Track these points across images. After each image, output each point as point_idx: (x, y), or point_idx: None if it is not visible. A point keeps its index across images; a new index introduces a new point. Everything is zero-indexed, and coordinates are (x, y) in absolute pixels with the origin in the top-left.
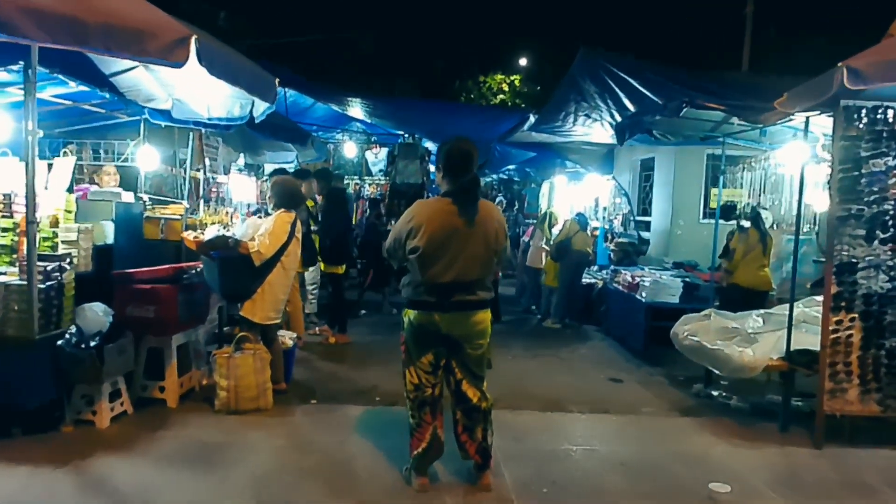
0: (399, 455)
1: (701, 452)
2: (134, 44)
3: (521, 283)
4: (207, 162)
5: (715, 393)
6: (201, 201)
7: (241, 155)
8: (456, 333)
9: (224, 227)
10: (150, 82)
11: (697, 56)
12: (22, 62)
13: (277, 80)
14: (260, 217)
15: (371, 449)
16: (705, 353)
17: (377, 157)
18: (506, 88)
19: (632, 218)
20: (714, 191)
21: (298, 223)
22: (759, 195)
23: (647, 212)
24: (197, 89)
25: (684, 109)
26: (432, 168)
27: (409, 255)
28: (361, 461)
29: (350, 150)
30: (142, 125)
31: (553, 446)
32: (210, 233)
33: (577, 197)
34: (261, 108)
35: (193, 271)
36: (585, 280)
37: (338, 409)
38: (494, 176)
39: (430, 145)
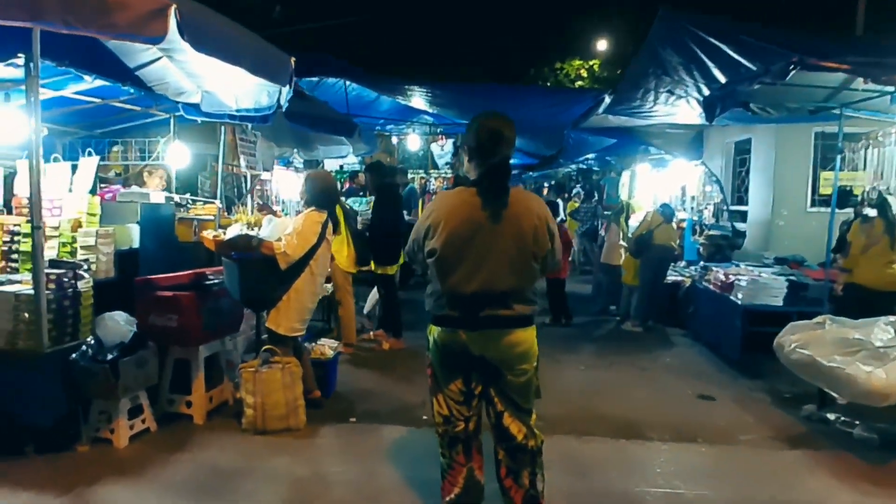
0: (437, 491)
1: (818, 502)
2: (99, 16)
3: (597, 282)
4: (243, 159)
5: (832, 417)
6: (244, 199)
7: (295, 151)
8: (490, 356)
9: (248, 227)
10: (176, 74)
11: (798, 21)
12: (23, 55)
13: (293, 59)
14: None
15: (405, 483)
16: (820, 371)
17: (443, 150)
18: (584, 74)
19: (724, 208)
20: (823, 174)
21: (330, 224)
22: (888, 177)
23: (742, 200)
24: (224, 79)
25: (792, 73)
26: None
27: (427, 258)
28: (391, 498)
29: (414, 142)
30: (172, 121)
31: (625, 486)
32: (232, 232)
33: (662, 186)
34: (283, 93)
35: (221, 276)
36: (670, 277)
37: (378, 429)
38: (573, 166)
39: None
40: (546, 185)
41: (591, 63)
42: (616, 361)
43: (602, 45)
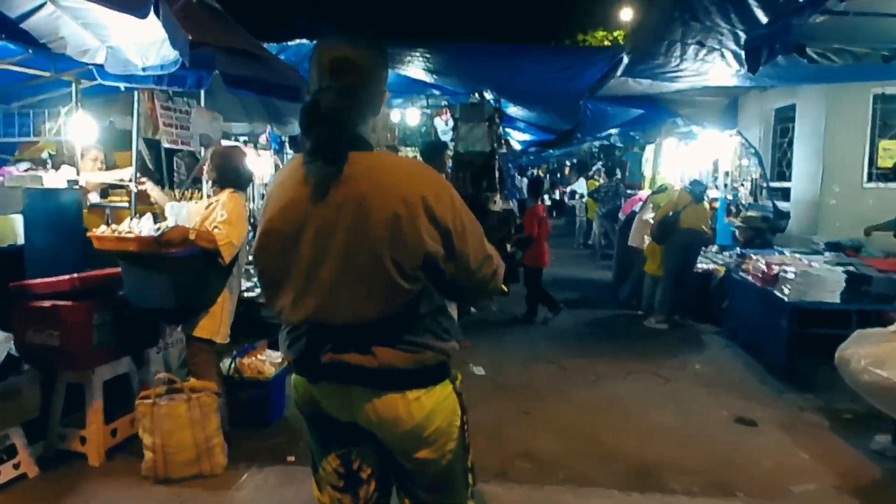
0: None
1: None
2: None
3: (618, 269)
4: (166, 133)
5: None
6: (185, 184)
7: (268, 126)
8: (365, 424)
9: (154, 218)
10: (71, 25)
11: None
12: None
13: None
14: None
15: None
16: None
17: (447, 125)
18: (608, 45)
19: (764, 184)
20: (883, 144)
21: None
22: None
23: (784, 175)
24: (123, 27)
25: None
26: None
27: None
28: None
29: (413, 117)
30: (73, 87)
31: None
32: (145, 226)
33: (690, 161)
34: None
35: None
36: (700, 265)
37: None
38: (596, 144)
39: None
40: (568, 163)
41: (615, 34)
42: (635, 369)
43: (627, 14)
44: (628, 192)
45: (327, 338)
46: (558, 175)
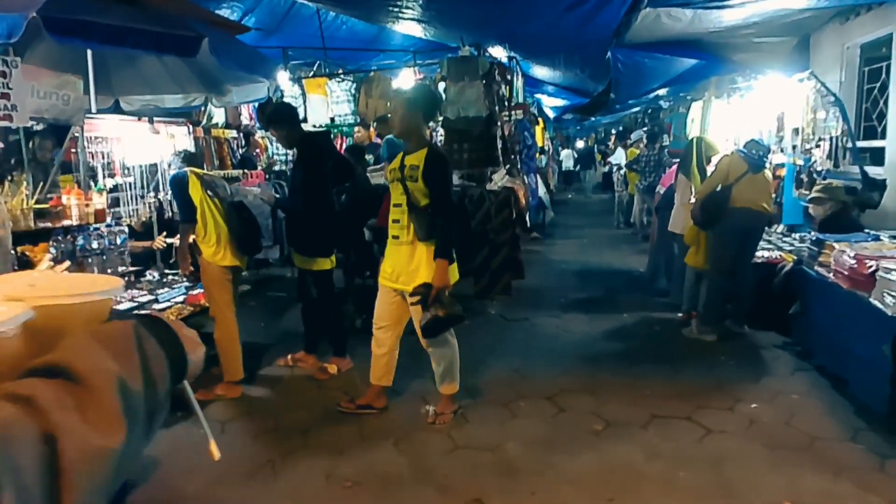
0: None
1: None
2: None
3: (654, 257)
4: None
5: None
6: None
7: (206, 97)
8: None
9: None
10: None
11: None
12: None
13: None
14: None
15: None
16: None
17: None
18: None
19: (849, 144)
20: None
21: None
22: None
23: (875, 132)
24: None
25: None
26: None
27: None
28: None
29: (407, 82)
30: None
31: None
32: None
33: (746, 118)
34: None
35: None
36: (761, 253)
37: None
38: (637, 108)
39: (500, 54)
40: (613, 132)
41: None
42: (661, 411)
43: None
44: (673, 161)
45: None
46: (606, 145)
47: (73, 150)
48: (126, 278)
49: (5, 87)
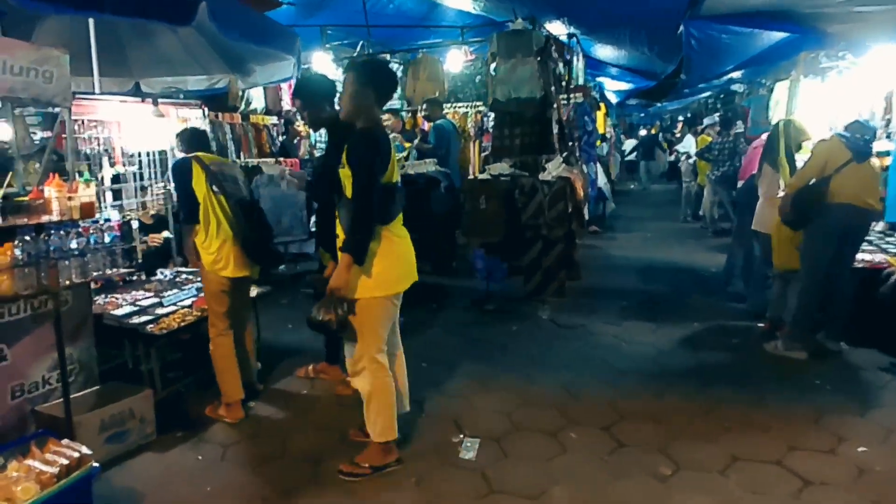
0: None
1: None
2: None
3: (733, 257)
4: None
5: None
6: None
7: (229, 78)
8: None
9: None
10: None
11: None
12: None
13: None
14: None
15: None
16: None
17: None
18: None
19: None
20: None
21: None
22: None
23: None
24: None
25: None
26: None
27: None
28: None
29: (455, 62)
30: None
31: None
32: None
33: (843, 100)
34: None
35: None
36: (863, 256)
37: None
38: (707, 93)
39: (559, 30)
40: (681, 118)
41: None
42: (744, 453)
43: None
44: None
45: None
46: (672, 133)
47: (65, 136)
48: (121, 281)
49: None
